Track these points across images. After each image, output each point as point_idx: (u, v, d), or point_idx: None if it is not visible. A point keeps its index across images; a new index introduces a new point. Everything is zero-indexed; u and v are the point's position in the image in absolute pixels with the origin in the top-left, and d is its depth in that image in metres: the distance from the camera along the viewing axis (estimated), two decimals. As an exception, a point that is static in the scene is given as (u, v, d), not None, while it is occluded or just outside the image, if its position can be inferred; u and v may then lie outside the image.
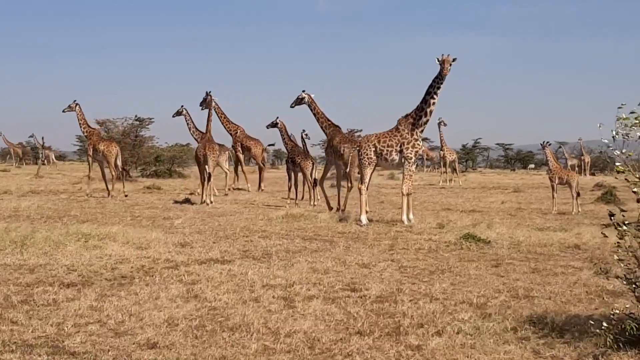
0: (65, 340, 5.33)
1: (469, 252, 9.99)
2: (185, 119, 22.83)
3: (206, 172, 18.25)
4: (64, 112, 21.55)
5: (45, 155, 46.96)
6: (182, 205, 17.90)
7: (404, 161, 13.73)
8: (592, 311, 6.15)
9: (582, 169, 42.43)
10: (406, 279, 7.89)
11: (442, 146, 31.09)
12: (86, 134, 21.65)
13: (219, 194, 20.90)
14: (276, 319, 5.95)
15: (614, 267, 5.42)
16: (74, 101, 21.49)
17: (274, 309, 6.37)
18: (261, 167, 24.99)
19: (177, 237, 10.97)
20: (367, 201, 14.17)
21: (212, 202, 17.79)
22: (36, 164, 46.15)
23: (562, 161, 40.11)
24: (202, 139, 19.52)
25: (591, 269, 8.34)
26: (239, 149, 24.66)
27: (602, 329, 5.10)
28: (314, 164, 18.47)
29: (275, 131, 19.74)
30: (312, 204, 17.89)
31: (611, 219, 5.17)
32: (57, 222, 12.99)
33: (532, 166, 65.74)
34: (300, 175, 18.80)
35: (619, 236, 5.12)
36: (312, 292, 7.05)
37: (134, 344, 5.27)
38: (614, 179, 6.02)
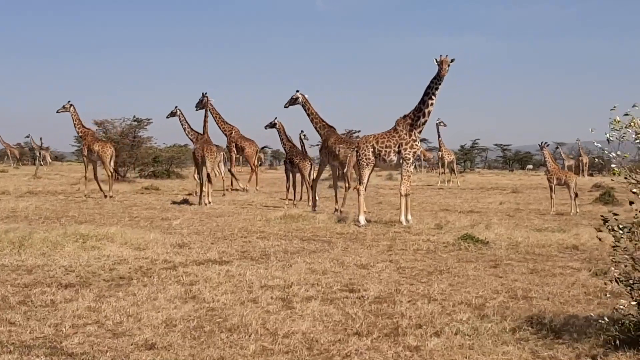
0: (63, 341, 5.33)
1: (467, 252, 10.00)
2: (179, 119, 22.81)
3: (204, 173, 18.26)
4: (58, 112, 21.54)
5: (42, 156, 46.89)
6: (180, 206, 17.89)
7: (402, 162, 13.74)
8: (591, 312, 6.15)
9: (581, 170, 42.45)
10: (404, 280, 7.89)
11: (440, 147, 31.10)
12: (81, 134, 21.64)
13: (216, 196, 20.87)
14: (274, 320, 5.95)
15: (612, 268, 5.42)
16: (68, 102, 21.50)
17: (272, 309, 6.37)
18: (252, 169, 24.95)
19: (175, 237, 10.96)
20: (364, 202, 14.17)
21: (210, 203, 17.78)
22: (34, 164, 46.11)
23: (559, 162, 40.11)
24: (199, 140, 19.50)
25: (589, 270, 8.36)
26: (233, 149, 24.64)
27: (602, 322, 5.12)
28: (312, 164, 18.46)
29: (273, 132, 19.72)
30: (313, 205, 17.87)
31: (605, 224, 5.18)
32: (55, 223, 12.99)
33: (531, 167, 65.80)
34: (298, 176, 18.80)
35: (615, 240, 5.13)
36: (310, 293, 7.04)
37: (132, 344, 5.27)
38: (618, 179, 5.97)
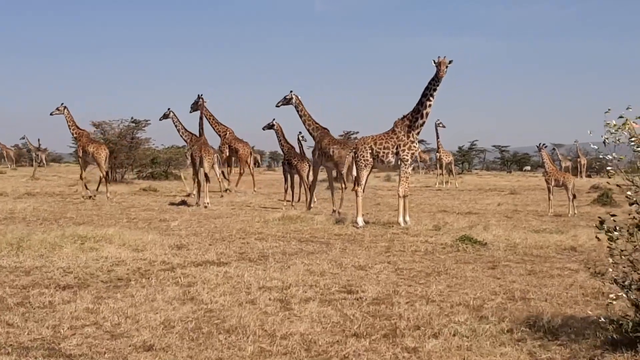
0: (61, 342, 5.33)
1: (465, 254, 10.01)
2: (172, 121, 22.76)
3: (201, 173, 18.28)
4: (51, 115, 21.54)
5: (39, 157, 46.84)
6: (178, 207, 17.89)
7: (400, 163, 13.74)
8: (588, 313, 6.16)
9: (579, 171, 42.51)
10: (402, 281, 7.89)
11: (439, 148, 31.10)
12: (75, 135, 21.64)
13: (214, 197, 20.86)
14: (272, 321, 5.95)
15: (609, 269, 5.43)
16: (62, 104, 21.51)
17: (270, 311, 6.37)
18: (242, 171, 24.89)
19: (173, 239, 10.96)
20: (362, 203, 14.17)
21: (208, 204, 17.78)
22: (31, 165, 46.06)
23: (556, 163, 40.13)
24: (197, 141, 19.49)
25: (587, 271, 8.36)
26: (226, 150, 24.59)
27: (600, 323, 5.13)
28: (310, 166, 18.45)
29: (271, 133, 19.68)
30: (309, 206, 17.88)
31: (602, 225, 5.19)
32: (53, 224, 12.97)
33: (528, 168, 65.86)
34: (296, 177, 18.80)
35: (610, 241, 5.14)
36: (308, 294, 7.05)
37: (130, 346, 5.27)
38: (612, 181, 5.98)
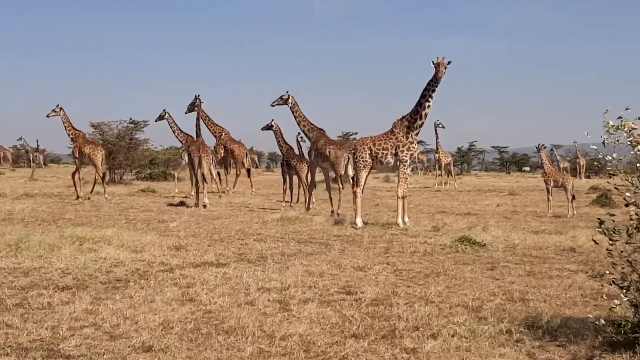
0: (60, 343, 5.32)
1: (464, 255, 10.01)
2: (168, 122, 22.78)
3: (199, 174, 18.30)
4: (48, 117, 21.54)
5: (37, 158, 46.76)
6: (177, 208, 17.89)
7: (399, 164, 13.74)
8: (587, 314, 6.16)
9: (578, 172, 42.54)
10: (401, 282, 7.89)
11: (438, 149, 31.11)
12: (72, 136, 21.66)
13: (212, 198, 20.85)
14: (271, 322, 5.95)
15: (608, 270, 5.43)
16: (57, 105, 21.51)
17: (269, 312, 6.37)
18: (239, 172, 24.89)
19: (172, 240, 10.95)
20: (361, 204, 14.17)
21: (207, 204, 17.79)
22: (29, 166, 46.01)
23: (554, 164, 40.16)
24: (194, 142, 19.49)
25: (586, 272, 8.37)
26: (221, 151, 24.58)
27: (599, 324, 5.13)
28: (309, 166, 18.45)
29: (269, 134, 19.67)
30: (307, 207, 17.88)
31: (601, 226, 5.19)
32: (51, 225, 12.96)
33: (527, 169, 65.91)
34: (295, 178, 18.81)
35: (611, 241, 5.14)
36: (307, 295, 7.04)
37: (129, 347, 5.27)
38: (613, 181, 5.98)
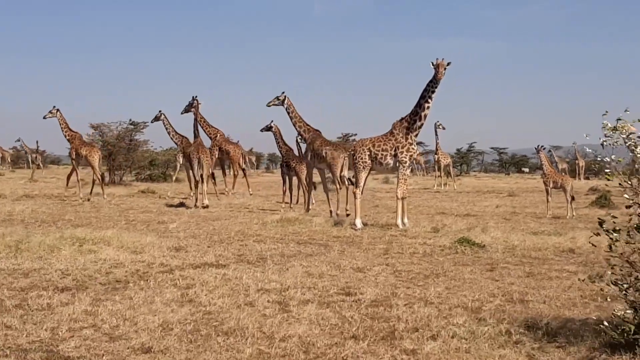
0: (59, 344, 5.32)
1: (463, 256, 10.01)
2: (163, 123, 22.80)
3: (198, 175, 18.35)
4: (45, 118, 21.56)
5: (38, 160, 46.69)
6: (176, 209, 17.89)
7: (398, 165, 13.74)
8: (587, 315, 6.17)
9: (577, 173, 42.54)
10: (401, 283, 7.89)
11: (437, 150, 31.11)
12: (68, 138, 21.66)
13: (212, 199, 20.86)
14: (271, 324, 5.95)
15: (607, 271, 5.44)
16: (54, 107, 21.53)
17: (268, 313, 6.37)
18: (237, 173, 24.89)
19: (172, 241, 10.96)
20: (360, 205, 14.17)
21: (207, 205, 17.81)
22: (29, 168, 45.99)
23: (553, 165, 40.13)
24: (193, 143, 19.50)
25: (586, 273, 8.37)
26: (216, 153, 24.59)
27: (598, 326, 5.14)
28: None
29: (269, 135, 19.67)
30: (307, 208, 17.88)
31: (602, 226, 5.20)
32: (51, 227, 12.97)
33: (527, 170, 65.90)
34: (295, 179, 18.82)
35: (610, 243, 5.15)
36: (306, 297, 7.05)
37: (128, 348, 5.27)
38: (612, 183, 6.00)
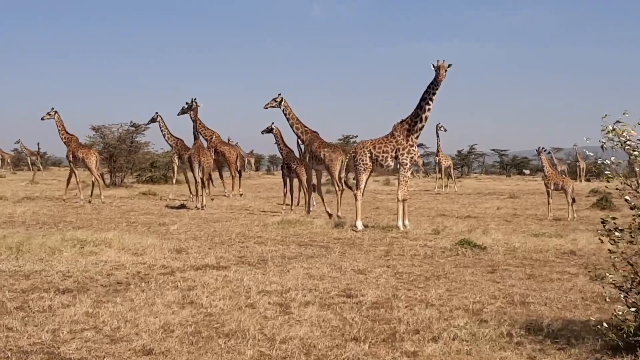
0: (60, 346, 5.32)
1: (464, 258, 10.00)
2: (159, 125, 22.79)
3: (199, 177, 18.38)
4: (42, 119, 21.58)
5: (38, 162, 46.74)
6: (177, 211, 17.90)
7: (399, 167, 13.74)
8: (588, 317, 6.16)
9: (578, 175, 42.51)
10: (402, 285, 7.89)
11: (438, 152, 31.10)
12: (65, 140, 21.65)
13: (213, 201, 20.86)
14: (272, 325, 5.95)
15: (607, 273, 5.44)
16: (52, 108, 21.55)
17: (269, 315, 6.37)
18: (234, 175, 24.88)
19: (173, 243, 10.96)
20: (362, 207, 14.18)
21: (205, 207, 17.84)
22: (30, 170, 46.02)
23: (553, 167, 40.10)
24: (194, 146, 19.51)
25: (587, 275, 8.36)
26: (212, 155, 24.56)
27: (600, 328, 5.14)
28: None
29: (269, 137, 19.68)
30: (308, 210, 17.88)
31: (604, 226, 5.20)
32: (52, 228, 12.98)
33: (528, 172, 65.83)
34: (295, 181, 18.82)
35: (611, 242, 5.15)
36: (307, 298, 7.05)
37: (129, 350, 5.27)
38: (612, 185, 6.00)
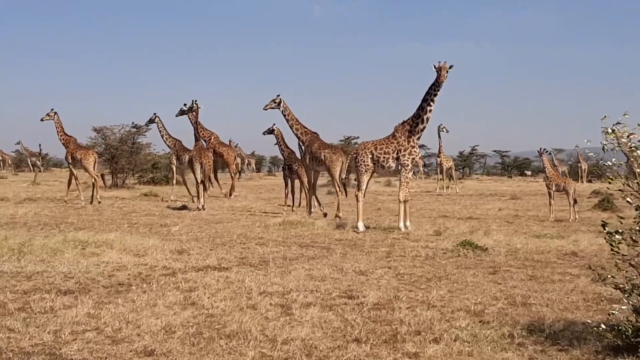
0: (62, 347, 5.33)
1: (466, 259, 10.00)
2: (157, 126, 22.78)
3: (200, 178, 18.39)
4: (42, 120, 21.60)
5: (33, 162, 46.74)
6: (179, 212, 17.90)
7: (400, 168, 13.74)
8: (590, 318, 6.16)
9: (579, 176, 42.46)
10: (403, 286, 7.89)
11: (440, 153, 31.08)
12: (63, 142, 21.67)
13: (215, 202, 20.86)
14: (273, 326, 5.95)
15: (611, 274, 5.43)
16: (52, 109, 21.58)
17: (271, 316, 6.37)
18: (232, 176, 24.89)
19: (174, 244, 10.96)
20: (363, 208, 14.17)
21: (204, 208, 17.86)
22: (32, 171, 46.05)
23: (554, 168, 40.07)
24: (195, 147, 19.51)
25: (588, 276, 8.36)
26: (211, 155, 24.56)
27: (601, 329, 5.13)
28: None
29: (271, 138, 19.70)
30: (309, 211, 17.89)
31: (604, 228, 5.20)
32: (54, 229, 12.98)
33: (529, 173, 65.77)
34: (297, 182, 18.83)
35: (613, 245, 5.15)
36: (309, 299, 7.05)
37: (131, 351, 5.27)
38: (614, 186, 6.01)
